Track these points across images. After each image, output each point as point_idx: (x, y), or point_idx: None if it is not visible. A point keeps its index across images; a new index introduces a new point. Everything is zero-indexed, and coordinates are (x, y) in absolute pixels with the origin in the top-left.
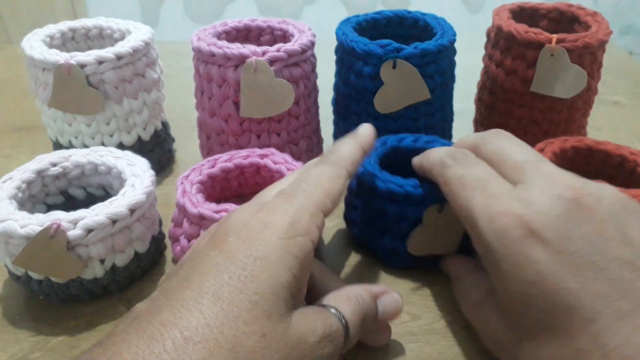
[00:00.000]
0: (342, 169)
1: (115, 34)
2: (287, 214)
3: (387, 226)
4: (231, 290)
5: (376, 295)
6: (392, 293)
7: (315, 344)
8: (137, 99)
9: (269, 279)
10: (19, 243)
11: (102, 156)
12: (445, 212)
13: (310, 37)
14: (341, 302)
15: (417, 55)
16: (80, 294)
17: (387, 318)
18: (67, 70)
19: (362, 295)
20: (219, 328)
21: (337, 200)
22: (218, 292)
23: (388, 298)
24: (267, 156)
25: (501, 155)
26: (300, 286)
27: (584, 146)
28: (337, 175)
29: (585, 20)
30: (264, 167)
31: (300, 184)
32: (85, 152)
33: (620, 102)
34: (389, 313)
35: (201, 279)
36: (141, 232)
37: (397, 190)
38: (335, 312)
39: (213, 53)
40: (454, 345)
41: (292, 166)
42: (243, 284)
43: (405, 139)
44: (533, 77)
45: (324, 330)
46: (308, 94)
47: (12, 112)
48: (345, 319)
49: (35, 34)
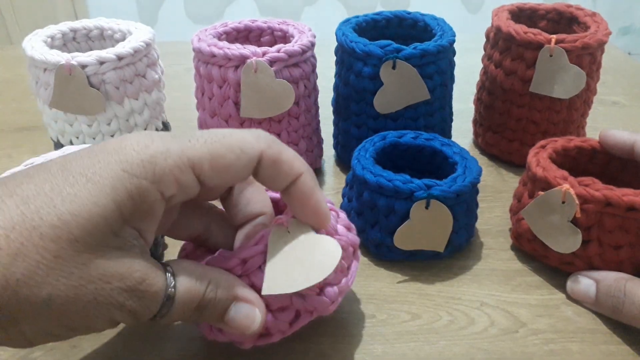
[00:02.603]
0: (250, 150)
1: (116, 34)
2: (148, 149)
3: (376, 219)
4: (45, 201)
5: (236, 297)
6: (255, 308)
7: (116, 290)
8: (138, 100)
9: (91, 206)
10: None
11: None
12: (432, 208)
13: (310, 38)
14: (187, 275)
15: (417, 56)
16: None
17: (233, 326)
18: (68, 71)
19: (218, 285)
20: (9, 229)
21: (222, 172)
22: (30, 200)
23: (246, 308)
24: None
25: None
26: (131, 232)
27: (589, 147)
28: (239, 148)
29: (584, 21)
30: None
31: (194, 132)
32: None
33: (619, 103)
34: (237, 322)
35: (23, 180)
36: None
37: (386, 185)
38: (169, 279)
39: (214, 54)
40: (453, 345)
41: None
42: (61, 201)
43: (405, 135)
44: (532, 78)
45: (137, 284)
46: (308, 94)
47: (13, 112)
48: (174, 291)
49: (36, 34)
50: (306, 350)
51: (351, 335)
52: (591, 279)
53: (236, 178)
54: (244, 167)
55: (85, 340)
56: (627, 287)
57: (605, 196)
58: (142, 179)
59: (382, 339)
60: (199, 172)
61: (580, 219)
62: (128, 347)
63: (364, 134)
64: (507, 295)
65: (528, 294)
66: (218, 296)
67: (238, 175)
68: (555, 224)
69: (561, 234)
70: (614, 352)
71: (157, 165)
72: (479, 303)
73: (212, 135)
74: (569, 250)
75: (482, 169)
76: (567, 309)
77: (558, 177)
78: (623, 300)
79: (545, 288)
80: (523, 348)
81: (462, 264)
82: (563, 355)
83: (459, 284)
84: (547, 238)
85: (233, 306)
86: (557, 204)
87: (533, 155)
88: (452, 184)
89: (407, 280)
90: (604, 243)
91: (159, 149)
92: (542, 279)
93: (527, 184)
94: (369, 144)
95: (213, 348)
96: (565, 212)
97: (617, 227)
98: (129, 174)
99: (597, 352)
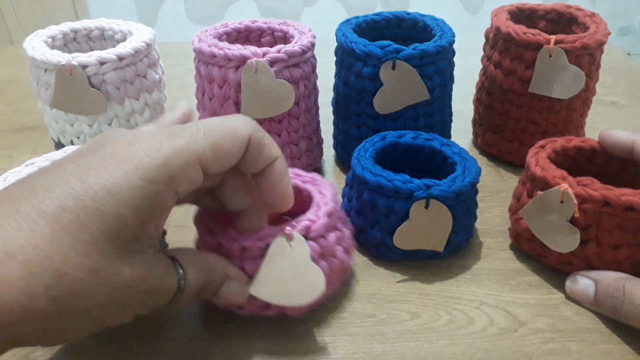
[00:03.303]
0: (242, 134)
1: (117, 35)
2: (159, 153)
3: (376, 219)
4: (73, 219)
5: (228, 276)
6: (244, 287)
7: (141, 292)
8: (138, 100)
9: (115, 219)
10: None
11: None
12: (431, 208)
13: (311, 39)
14: (192, 267)
15: (416, 56)
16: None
17: (224, 300)
18: (69, 71)
19: (215, 269)
20: (49, 253)
21: (222, 159)
22: (58, 218)
23: (235, 285)
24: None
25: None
26: (149, 232)
27: (588, 147)
28: (232, 134)
29: (584, 21)
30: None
31: (191, 126)
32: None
33: (619, 103)
34: (227, 297)
35: (45, 195)
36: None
37: (386, 185)
38: (179, 273)
39: (214, 54)
40: (452, 344)
41: (306, 178)
42: (87, 216)
43: (405, 136)
44: (531, 78)
45: (158, 285)
46: (308, 94)
47: (14, 112)
48: (185, 284)
49: (37, 34)
50: (306, 350)
51: (351, 335)
52: (590, 279)
53: (232, 162)
54: (238, 151)
55: (85, 341)
56: (626, 287)
57: (604, 196)
58: (158, 184)
59: (381, 338)
60: (204, 164)
61: (579, 218)
62: (128, 347)
63: (363, 134)
64: (507, 294)
65: (527, 294)
66: (215, 278)
67: (234, 160)
68: (554, 224)
69: (559, 234)
70: (613, 352)
71: (171, 167)
72: (479, 302)
73: (207, 125)
74: (567, 249)
75: (481, 169)
76: (566, 309)
77: (557, 177)
78: (622, 300)
79: (544, 287)
80: (522, 347)
81: (461, 264)
82: (562, 354)
83: (459, 283)
84: (546, 237)
85: (226, 283)
86: (555, 203)
87: (532, 155)
88: (452, 184)
89: (407, 279)
90: (603, 243)
91: (169, 151)
92: (542, 279)
93: (526, 184)
94: (369, 144)
95: (213, 348)
96: (564, 211)
97: (616, 227)
98: (147, 181)
99: (596, 352)
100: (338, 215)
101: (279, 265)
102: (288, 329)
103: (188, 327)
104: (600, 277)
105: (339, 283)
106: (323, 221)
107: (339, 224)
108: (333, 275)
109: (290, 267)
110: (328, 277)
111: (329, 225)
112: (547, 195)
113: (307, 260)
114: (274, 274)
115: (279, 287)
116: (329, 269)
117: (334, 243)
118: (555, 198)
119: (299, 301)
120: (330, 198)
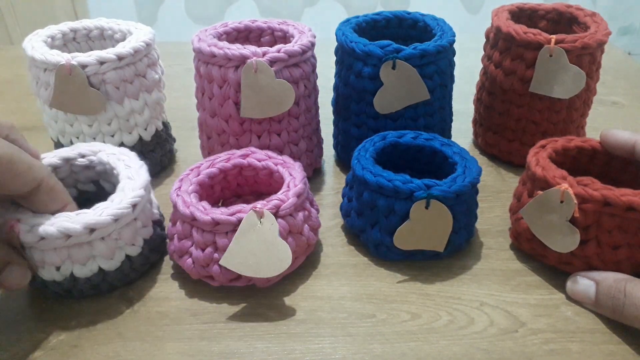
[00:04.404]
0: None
1: (117, 34)
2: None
3: (376, 219)
4: None
5: (9, 263)
6: (25, 271)
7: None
8: (138, 100)
9: None
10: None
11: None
12: (431, 208)
13: (310, 38)
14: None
15: (417, 56)
16: (73, 291)
17: (6, 285)
18: (69, 71)
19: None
20: None
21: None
22: None
23: (16, 269)
24: (249, 155)
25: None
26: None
27: (589, 147)
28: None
29: (584, 21)
30: (247, 166)
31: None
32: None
33: (619, 103)
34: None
35: None
36: (129, 237)
37: (386, 185)
38: None
39: (214, 54)
40: (453, 345)
41: (278, 160)
42: None
43: (405, 135)
44: (532, 78)
45: None
46: (308, 94)
47: (13, 112)
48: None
49: (36, 34)
50: (306, 350)
51: (351, 335)
52: (591, 280)
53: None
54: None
55: (85, 340)
56: (628, 288)
57: (604, 196)
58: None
59: (382, 339)
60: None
61: (579, 218)
62: (128, 347)
63: (364, 134)
64: (507, 295)
65: (528, 294)
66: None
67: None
68: (554, 224)
69: (559, 234)
70: (614, 352)
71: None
72: (479, 303)
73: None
74: (567, 249)
75: (481, 169)
76: (566, 309)
77: (557, 177)
78: (623, 301)
79: (544, 288)
80: (523, 348)
81: (461, 264)
82: (562, 354)
83: (459, 283)
84: (546, 237)
85: (8, 268)
86: (555, 203)
87: (533, 155)
88: (452, 184)
89: (407, 280)
90: (603, 243)
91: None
92: (542, 279)
93: (527, 184)
94: (369, 144)
95: (213, 348)
96: (564, 211)
97: (616, 227)
98: None
99: (597, 352)
100: (306, 196)
101: (249, 240)
102: (288, 329)
103: (188, 327)
104: (601, 278)
105: (304, 258)
106: (292, 201)
107: (307, 204)
108: (299, 251)
109: (260, 242)
110: (294, 253)
111: (297, 205)
112: (547, 195)
113: (276, 236)
114: (244, 247)
115: (248, 260)
116: (296, 245)
117: (301, 221)
118: (555, 198)
119: (266, 273)
120: (300, 180)
